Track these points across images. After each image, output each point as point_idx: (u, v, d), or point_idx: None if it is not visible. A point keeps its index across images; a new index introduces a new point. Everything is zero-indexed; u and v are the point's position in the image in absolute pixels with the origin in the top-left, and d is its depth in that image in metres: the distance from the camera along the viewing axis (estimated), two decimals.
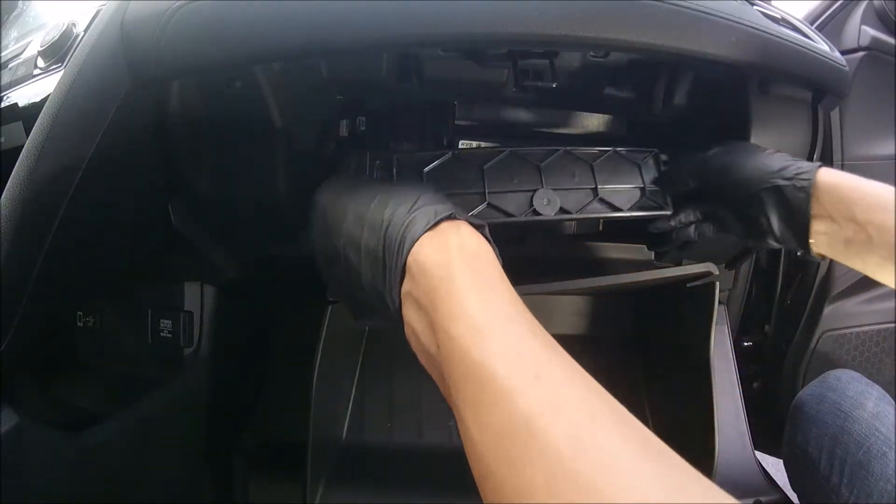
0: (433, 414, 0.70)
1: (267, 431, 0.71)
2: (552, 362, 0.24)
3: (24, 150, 0.38)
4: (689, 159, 0.53)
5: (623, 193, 0.53)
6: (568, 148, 0.53)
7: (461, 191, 0.49)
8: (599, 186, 0.52)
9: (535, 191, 0.50)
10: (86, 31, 0.49)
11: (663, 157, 0.56)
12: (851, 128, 0.71)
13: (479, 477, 0.24)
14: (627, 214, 0.53)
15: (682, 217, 0.54)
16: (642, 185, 0.54)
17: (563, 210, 0.51)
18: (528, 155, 0.52)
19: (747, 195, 0.48)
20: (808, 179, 0.44)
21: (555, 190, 0.51)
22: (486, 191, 0.49)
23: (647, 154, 0.55)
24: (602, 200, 0.52)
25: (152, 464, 0.58)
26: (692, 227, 0.55)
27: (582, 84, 0.55)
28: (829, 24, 0.77)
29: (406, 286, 0.31)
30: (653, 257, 0.64)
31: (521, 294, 0.29)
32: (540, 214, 0.50)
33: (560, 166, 0.52)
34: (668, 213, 0.54)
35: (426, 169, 0.49)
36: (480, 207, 0.49)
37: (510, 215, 0.49)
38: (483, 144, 0.63)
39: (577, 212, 0.51)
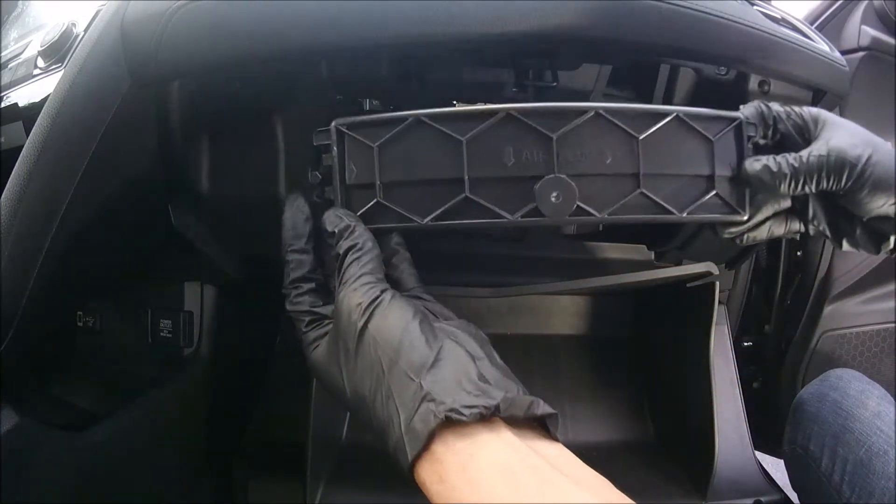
0: None
1: (267, 431, 0.71)
2: None
3: (24, 150, 0.38)
4: (799, 137, 0.37)
5: (678, 184, 0.35)
6: (603, 107, 0.33)
7: (433, 175, 0.33)
8: (644, 172, 0.34)
9: (541, 178, 0.33)
10: (86, 31, 0.49)
11: (751, 133, 0.37)
12: None
13: None
14: (683, 218, 0.36)
15: (760, 216, 0.39)
16: (710, 173, 0.36)
17: (580, 210, 0.33)
18: (535, 118, 0.33)
19: (884, 210, 0.36)
20: None
21: (571, 177, 0.33)
22: (466, 176, 0.33)
23: (727, 124, 0.36)
24: (644, 195, 0.34)
25: (152, 463, 0.58)
26: (767, 224, 0.40)
27: (582, 84, 0.55)
28: (829, 24, 0.77)
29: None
30: (653, 257, 0.64)
31: (522, 294, 0.28)
32: (543, 216, 0.33)
33: (585, 138, 0.33)
34: (744, 217, 0.37)
35: (378, 143, 0.33)
36: (455, 201, 0.33)
37: (498, 215, 0.33)
38: None
39: (604, 212, 0.34)
